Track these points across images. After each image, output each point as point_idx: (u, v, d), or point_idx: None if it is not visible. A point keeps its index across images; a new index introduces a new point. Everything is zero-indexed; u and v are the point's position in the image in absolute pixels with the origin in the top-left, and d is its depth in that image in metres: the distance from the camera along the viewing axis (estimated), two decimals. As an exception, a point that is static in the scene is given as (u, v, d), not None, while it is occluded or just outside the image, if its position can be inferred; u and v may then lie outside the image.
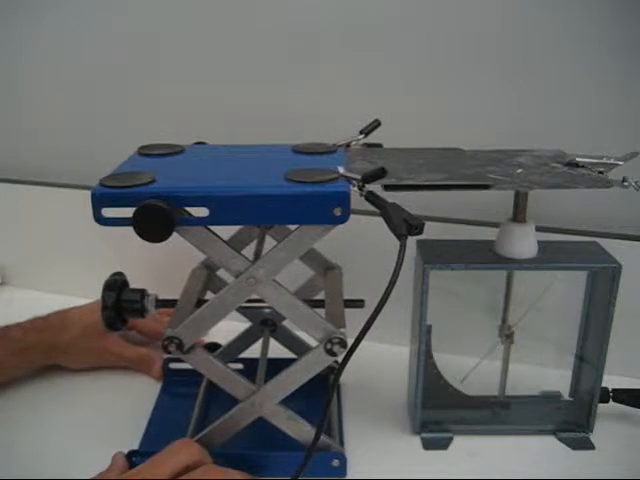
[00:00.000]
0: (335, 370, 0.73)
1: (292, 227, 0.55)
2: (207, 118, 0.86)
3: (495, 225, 0.65)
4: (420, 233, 0.49)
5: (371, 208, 0.53)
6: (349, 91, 0.81)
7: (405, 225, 0.49)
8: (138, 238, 0.51)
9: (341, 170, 0.55)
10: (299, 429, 0.61)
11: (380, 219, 0.74)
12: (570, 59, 0.73)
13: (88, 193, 0.90)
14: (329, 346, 0.57)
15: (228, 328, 0.58)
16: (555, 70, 0.74)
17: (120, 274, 0.63)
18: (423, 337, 0.64)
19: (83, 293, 0.96)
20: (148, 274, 0.67)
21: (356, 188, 0.52)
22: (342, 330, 0.57)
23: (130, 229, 0.51)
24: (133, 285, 0.66)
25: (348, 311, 0.62)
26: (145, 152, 0.63)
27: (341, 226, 0.53)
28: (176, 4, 0.84)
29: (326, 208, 0.51)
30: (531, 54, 0.74)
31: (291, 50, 0.82)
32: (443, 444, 0.67)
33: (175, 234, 0.52)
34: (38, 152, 0.98)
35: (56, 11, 0.89)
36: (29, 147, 0.98)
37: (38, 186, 0.95)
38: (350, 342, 0.50)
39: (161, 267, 0.84)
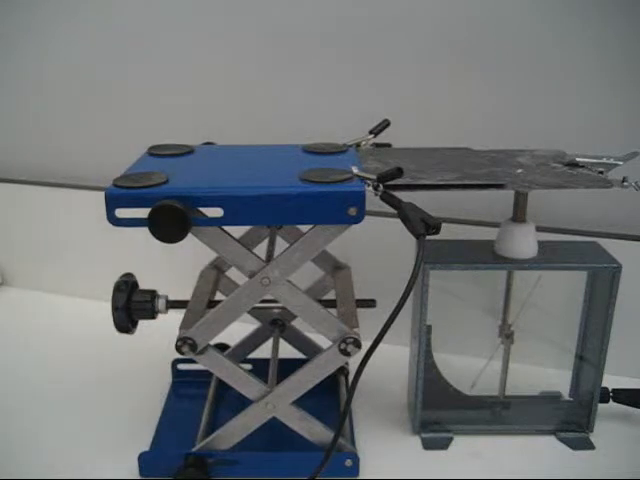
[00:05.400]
0: (344, 370, 0.74)
1: (302, 227, 0.55)
2: (206, 118, 0.86)
3: (495, 225, 0.65)
4: (437, 233, 0.49)
5: (372, 208, 0.53)
6: (349, 91, 0.81)
7: (423, 225, 0.49)
8: (137, 239, 0.51)
9: (355, 170, 0.55)
10: (312, 429, 0.61)
11: (382, 219, 0.75)
12: (571, 59, 0.73)
13: (88, 193, 0.92)
14: (343, 346, 0.57)
15: (230, 329, 0.58)
16: (556, 70, 0.74)
17: (130, 275, 0.63)
18: (423, 337, 0.64)
19: (83, 293, 0.96)
20: (148, 274, 0.67)
21: (371, 188, 0.53)
22: (356, 330, 0.57)
23: (132, 230, 0.51)
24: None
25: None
26: (156, 152, 0.63)
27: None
28: (178, 3, 0.85)
29: (341, 208, 0.52)
30: (532, 54, 0.74)
31: (292, 49, 0.82)
32: (443, 444, 0.67)
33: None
34: (38, 152, 0.98)
35: (57, 9, 0.89)
36: (29, 147, 0.98)
37: (38, 186, 0.95)
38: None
39: (162, 268, 0.84)
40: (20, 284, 1.02)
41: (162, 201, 0.50)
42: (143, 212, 0.50)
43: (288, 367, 0.62)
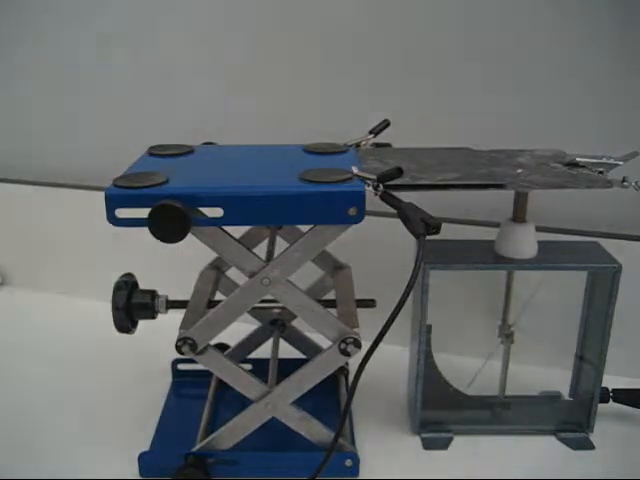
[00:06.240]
0: (344, 370, 0.74)
1: (302, 227, 0.55)
2: (206, 118, 0.86)
3: (495, 225, 0.65)
4: (437, 232, 0.49)
5: (372, 208, 0.53)
6: (349, 91, 0.81)
7: (423, 225, 0.49)
8: (137, 239, 0.51)
9: (355, 170, 0.55)
10: (312, 429, 0.61)
11: (382, 219, 0.75)
12: (570, 59, 0.73)
13: (88, 193, 0.92)
14: (343, 346, 0.57)
15: (230, 329, 0.58)
16: (556, 70, 0.74)
17: (130, 275, 0.63)
18: (423, 337, 0.64)
19: (83, 293, 0.96)
20: (148, 274, 0.67)
21: (371, 188, 0.53)
22: (356, 330, 0.57)
23: (132, 230, 0.51)
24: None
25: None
26: (156, 152, 0.63)
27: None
28: (178, 3, 0.85)
29: (341, 208, 0.52)
30: (531, 54, 0.74)
31: (292, 49, 0.82)
32: (443, 444, 0.67)
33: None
34: (38, 152, 0.98)
35: (57, 9, 0.89)
36: (29, 147, 0.98)
37: (38, 186, 0.95)
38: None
39: (162, 268, 0.84)
40: (20, 284, 1.02)
41: (162, 201, 0.50)
42: (143, 212, 0.50)
43: (288, 367, 0.62)
